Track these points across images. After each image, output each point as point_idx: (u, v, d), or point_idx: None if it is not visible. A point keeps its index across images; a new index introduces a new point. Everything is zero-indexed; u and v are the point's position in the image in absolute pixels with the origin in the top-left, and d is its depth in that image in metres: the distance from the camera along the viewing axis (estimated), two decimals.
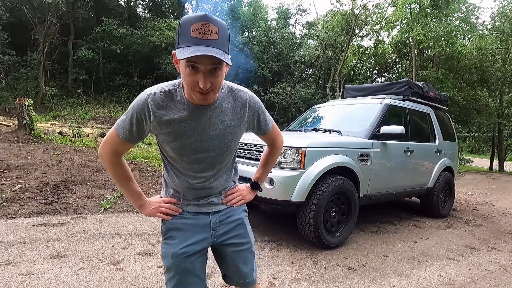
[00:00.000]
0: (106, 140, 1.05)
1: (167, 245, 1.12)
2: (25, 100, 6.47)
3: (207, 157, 1.06)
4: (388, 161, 3.71)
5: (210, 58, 0.82)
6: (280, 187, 2.78)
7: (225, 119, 1.03)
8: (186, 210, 1.14)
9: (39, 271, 2.22)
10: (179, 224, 1.13)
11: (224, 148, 1.07)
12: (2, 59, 16.92)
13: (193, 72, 0.86)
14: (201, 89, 0.87)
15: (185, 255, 1.10)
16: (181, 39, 0.84)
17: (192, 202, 1.14)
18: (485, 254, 3.23)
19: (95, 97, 19.60)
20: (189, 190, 1.12)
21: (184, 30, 0.83)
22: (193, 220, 1.14)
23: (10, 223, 3.11)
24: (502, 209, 5.68)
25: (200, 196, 1.14)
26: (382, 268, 2.69)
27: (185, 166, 1.08)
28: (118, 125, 1.02)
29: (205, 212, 1.15)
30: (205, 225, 1.15)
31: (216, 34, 0.83)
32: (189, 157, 1.04)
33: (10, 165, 4.42)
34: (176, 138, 1.00)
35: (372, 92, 4.73)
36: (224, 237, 1.19)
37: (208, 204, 1.15)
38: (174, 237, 1.11)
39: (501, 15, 15.51)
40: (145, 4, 24.85)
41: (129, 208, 3.89)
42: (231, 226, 1.20)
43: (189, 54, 0.80)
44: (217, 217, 1.17)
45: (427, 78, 14.13)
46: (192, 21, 0.82)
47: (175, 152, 1.04)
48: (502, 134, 18.07)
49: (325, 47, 21.01)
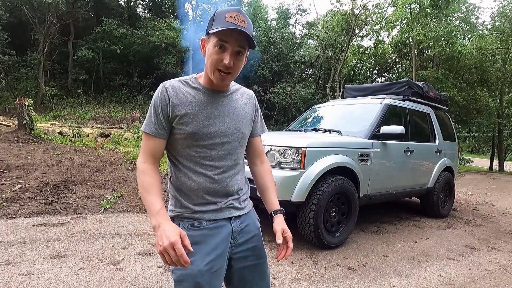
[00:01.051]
0: (141, 147, 1.04)
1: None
2: (25, 100, 6.47)
3: (224, 142, 1.04)
4: (388, 161, 3.71)
5: (237, 38, 0.94)
6: (280, 187, 2.78)
7: (238, 107, 1.09)
8: (203, 218, 1.02)
9: (39, 271, 2.22)
10: (197, 237, 0.99)
11: (239, 135, 1.08)
12: (2, 59, 16.93)
13: (220, 51, 0.95)
14: (224, 66, 0.95)
15: (211, 271, 0.97)
16: (215, 23, 0.94)
17: (211, 207, 1.03)
18: (485, 254, 3.23)
19: (95, 97, 19.61)
20: (208, 186, 1.02)
21: (219, 17, 0.94)
22: (213, 230, 1.02)
23: (10, 223, 3.11)
24: (502, 209, 5.68)
25: (220, 194, 1.04)
26: (382, 268, 2.69)
27: (202, 155, 1.01)
28: (144, 126, 1.02)
29: (226, 217, 1.05)
30: (226, 234, 1.04)
31: (245, 23, 0.95)
32: (206, 141, 1.01)
33: (10, 165, 4.42)
34: (194, 119, 1.00)
35: (372, 92, 4.73)
36: (240, 248, 1.08)
37: (228, 207, 1.05)
38: (194, 253, 0.94)
39: (501, 15, 15.52)
40: (145, 4, 24.86)
41: (129, 208, 3.89)
42: (250, 236, 1.10)
43: (224, 27, 0.91)
44: (238, 223, 1.07)
45: (427, 78, 14.13)
46: (228, 11, 0.94)
47: (192, 136, 1.00)
48: (502, 134, 18.08)
49: (325, 47, 21.01)
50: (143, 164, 1.00)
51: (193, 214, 1.02)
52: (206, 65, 1.00)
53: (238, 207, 1.08)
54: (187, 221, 1.02)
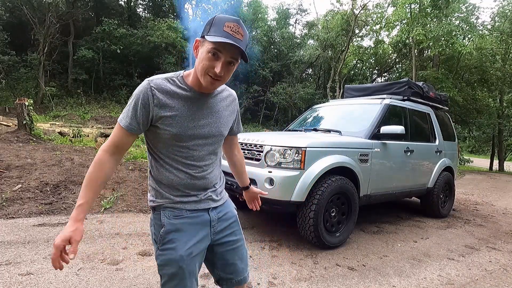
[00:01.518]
0: (110, 135, 1.05)
1: (169, 250, 1.05)
2: (25, 100, 6.46)
3: (206, 143, 1.10)
4: (388, 161, 3.70)
5: (231, 50, 0.96)
6: (280, 187, 2.78)
7: (221, 109, 1.14)
8: (184, 208, 1.09)
9: (39, 271, 2.22)
10: (179, 224, 1.07)
11: (220, 137, 1.14)
12: (2, 59, 16.92)
13: (213, 59, 0.97)
14: (215, 74, 0.98)
15: (191, 256, 1.07)
16: (213, 29, 0.96)
17: (191, 199, 1.10)
18: (485, 254, 3.23)
19: (95, 97, 19.61)
20: (188, 182, 1.09)
21: (218, 23, 0.96)
22: (193, 218, 1.10)
23: (10, 223, 3.11)
24: (502, 209, 5.68)
25: (200, 188, 1.12)
26: (382, 268, 2.69)
27: (184, 155, 1.06)
28: (121, 117, 1.03)
29: (204, 208, 1.13)
30: (205, 222, 1.13)
31: (242, 36, 0.98)
32: (188, 142, 1.06)
33: (10, 165, 4.42)
34: (178, 120, 1.02)
35: (372, 92, 4.73)
36: (221, 235, 1.18)
37: (207, 199, 1.14)
38: (175, 239, 1.06)
39: (501, 15, 15.52)
40: (145, 4, 24.85)
41: (129, 208, 3.89)
42: (228, 223, 1.20)
43: (222, 40, 0.93)
44: (215, 213, 1.16)
45: (427, 78, 14.13)
46: (227, 20, 0.96)
47: (176, 137, 1.03)
48: (502, 134, 18.08)
49: (325, 47, 21.02)
50: (103, 152, 1.02)
51: (174, 204, 1.09)
52: (197, 68, 1.01)
53: (215, 199, 1.17)
54: (168, 210, 1.08)
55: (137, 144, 7.99)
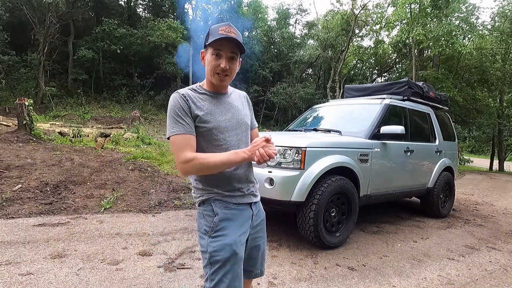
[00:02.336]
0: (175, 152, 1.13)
1: (223, 236, 1.14)
2: (25, 100, 6.45)
3: (237, 133, 1.24)
4: (388, 161, 3.70)
5: (229, 46, 1.15)
6: (280, 187, 2.78)
7: (238, 104, 1.31)
8: (231, 202, 1.20)
9: (39, 271, 2.22)
10: (230, 214, 1.18)
11: (246, 126, 1.30)
12: (2, 59, 16.90)
13: (217, 58, 1.16)
14: (221, 70, 1.16)
15: (241, 243, 1.17)
16: (210, 37, 1.15)
17: (237, 193, 1.22)
18: (485, 254, 3.23)
19: (95, 97, 19.60)
20: (232, 173, 1.20)
21: (213, 32, 1.15)
22: (240, 211, 1.21)
23: (10, 223, 3.11)
24: (502, 209, 5.68)
25: (243, 179, 1.23)
26: (382, 268, 2.69)
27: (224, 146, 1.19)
28: (169, 130, 1.14)
29: (248, 202, 1.25)
30: (249, 216, 1.25)
31: (235, 34, 1.17)
32: (224, 133, 1.19)
33: (10, 165, 4.42)
34: (212, 117, 1.18)
35: (372, 92, 4.73)
36: (255, 230, 1.28)
37: (250, 194, 1.26)
38: (227, 227, 1.16)
39: (501, 15, 15.51)
40: (145, 4, 24.82)
41: (129, 208, 3.89)
42: (260, 220, 1.33)
43: (218, 37, 1.12)
44: (255, 208, 1.29)
45: (427, 78, 14.13)
46: (219, 26, 1.16)
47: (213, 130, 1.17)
48: (502, 134, 18.08)
49: (325, 47, 21.01)
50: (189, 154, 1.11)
51: (223, 198, 1.20)
52: (207, 72, 1.20)
53: (256, 195, 1.31)
54: (218, 202, 1.19)
55: (137, 144, 7.99)
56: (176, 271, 2.36)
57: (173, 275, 2.29)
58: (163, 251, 2.71)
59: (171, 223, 3.52)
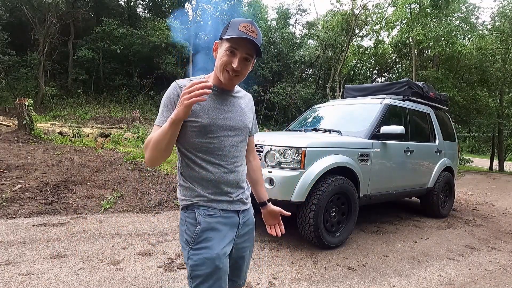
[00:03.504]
0: (147, 140, 1.03)
1: (205, 248, 1.04)
2: (25, 100, 6.45)
3: (234, 135, 1.14)
4: (388, 161, 3.70)
5: (247, 46, 1.05)
6: (280, 187, 2.78)
7: (242, 105, 1.21)
8: (217, 208, 1.10)
9: (39, 271, 2.22)
10: (214, 223, 1.08)
11: (245, 129, 1.19)
12: (2, 59, 16.90)
13: (231, 55, 1.05)
14: (232, 69, 1.05)
15: (225, 255, 1.08)
16: (229, 31, 1.04)
17: (224, 198, 1.11)
18: (485, 254, 3.23)
19: (95, 97, 19.60)
20: (222, 176, 1.09)
21: (233, 25, 1.04)
22: (225, 219, 1.11)
23: (10, 223, 3.11)
24: (502, 209, 5.68)
25: (233, 184, 1.13)
26: (382, 268, 2.69)
27: (217, 146, 1.09)
28: (157, 120, 1.08)
29: (235, 209, 1.15)
30: (235, 224, 1.15)
31: (256, 34, 1.06)
32: (219, 133, 1.09)
33: (10, 165, 4.42)
34: (207, 112, 1.07)
35: (372, 92, 4.73)
36: (241, 239, 1.19)
37: (238, 201, 1.16)
38: (211, 238, 1.06)
39: (501, 15, 15.51)
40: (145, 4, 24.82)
41: (129, 208, 3.89)
42: (248, 229, 1.23)
43: (237, 35, 1.01)
44: (243, 216, 1.19)
45: (427, 78, 14.13)
46: (241, 21, 1.04)
47: (206, 128, 1.06)
48: (502, 134, 18.08)
49: (325, 47, 21.01)
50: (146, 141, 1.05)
51: (209, 203, 1.10)
52: (216, 66, 1.09)
53: (245, 202, 1.19)
54: (202, 209, 1.09)
55: (137, 144, 7.99)
56: (176, 271, 2.36)
57: (173, 275, 2.29)
58: (163, 251, 2.71)
59: (171, 223, 3.52)
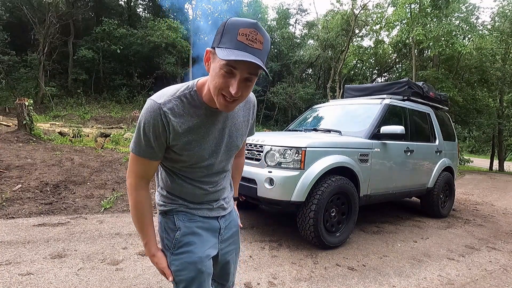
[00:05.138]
0: (130, 169, 0.97)
1: (187, 252, 1.00)
2: (25, 100, 6.46)
3: (221, 160, 1.04)
4: (388, 161, 3.70)
5: (248, 65, 0.77)
6: (280, 187, 2.78)
7: (238, 121, 1.04)
8: (197, 214, 1.06)
9: (39, 271, 2.22)
10: (194, 228, 1.04)
11: (235, 150, 1.07)
12: (2, 59, 16.90)
13: (228, 76, 0.79)
14: (230, 94, 0.81)
15: (208, 258, 1.04)
16: (224, 39, 0.77)
17: (204, 207, 1.07)
18: (485, 254, 3.23)
19: (95, 97, 19.61)
20: (203, 195, 1.05)
21: (230, 31, 0.77)
22: (205, 223, 1.07)
23: (10, 223, 3.11)
24: (502, 209, 5.68)
25: (213, 199, 1.09)
26: (382, 268, 2.69)
27: (201, 174, 1.02)
28: (133, 146, 0.93)
29: (215, 216, 1.10)
30: (216, 229, 1.10)
31: (261, 44, 0.79)
32: (204, 162, 0.99)
33: (10, 165, 4.42)
34: (195, 145, 0.94)
35: (372, 92, 4.73)
36: (225, 244, 1.14)
37: (219, 208, 1.11)
38: (192, 242, 1.02)
39: (501, 15, 15.51)
40: (145, 4, 24.85)
41: (129, 208, 3.88)
42: (231, 232, 1.17)
43: (233, 56, 0.74)
44: (223, 221, 1.13)
45: (427, 78, 14.13)
46: (242, 25, 0.77)
47: (193, 160, 0.96)
48: (502, 134, 18.09)
49: (325, 47, 21.01)
50: (137, 191, 0.97)
51: (188, 210, 1.05)
52: (209, 86, 0.85)
53: (225, 207, 1.14)
54: (181, 214, 1.05)
55: None
56: None
57: None
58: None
59: None
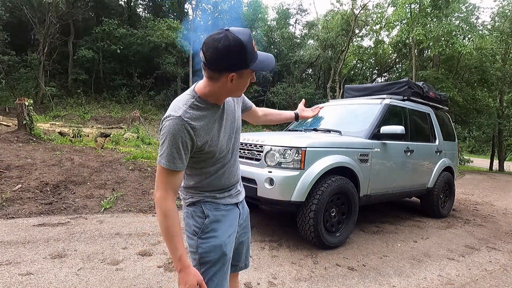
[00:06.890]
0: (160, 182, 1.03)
1: (213, 237, 1.13)
2: (25, 100, 6.45)
3: (235, 142, 1.22)
4: (388, 161, 3.70)
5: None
6: (280, 187, 2.78)
7: (232, 106, 1.22)
8: (220, 203, 1.20)
9: (39, 271, 2.22)
10: (219, 216, 1.18)
11: (238, 129, 1.25)
12: (2, 59, 16.91)
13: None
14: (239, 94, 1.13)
15: (230, 244, 1.18)
16: (250, 57, 0.98)
17: (226, 193, 1.21)
18: (485, 254, 3.23)
19: (95, 97, 19.62)
20: (224, 179, 1.19)
21: (250, 49, 0.97)
22: (227, 212, 1.21)
23: (10, 223, 3.11)
24: (502, 209, 5.68)
25: (234, 182, 1.24)
26: (382, 268, 2.69)
27: (222, 162, 1.17)
28: (164, 160, 1.00)
29: (235, 202, 1.25)
30: (236, 215, 1.25)
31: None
32: (223, 153, 1.15)
33: (10, 165, 4.42)
34: (213, 142, 1.10)
35: (372, 92, 4.73)
36: (241, 228, 1.29)
37: (237, 194, 1.26)
38: (217, 228, 1.15)
39: (501, 15, 15.50)
40: (145, 4, 24.85)
41: (129, 208, 3.89)
42: (245, 217, 1.34)
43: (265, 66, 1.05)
44: (241, 207, 1.29)
45: (427, 78, 14.13)
46: (251, 39, 0.98)
47: (217, 151, 1.12)
48: (502, 134, 18.07)
49: (325, 47, 21.02)
50: (167, 202, 1.03)
51: (214, 200, 1.19)
52: (230, 91, 1.06)
53: (240, 191, 1.31)
54: (208, 204, 1.17)
55: (137, 144, 7.99)
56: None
57: (173, 275, 2.29)
58: (163, 251, 2.71)
59: None
